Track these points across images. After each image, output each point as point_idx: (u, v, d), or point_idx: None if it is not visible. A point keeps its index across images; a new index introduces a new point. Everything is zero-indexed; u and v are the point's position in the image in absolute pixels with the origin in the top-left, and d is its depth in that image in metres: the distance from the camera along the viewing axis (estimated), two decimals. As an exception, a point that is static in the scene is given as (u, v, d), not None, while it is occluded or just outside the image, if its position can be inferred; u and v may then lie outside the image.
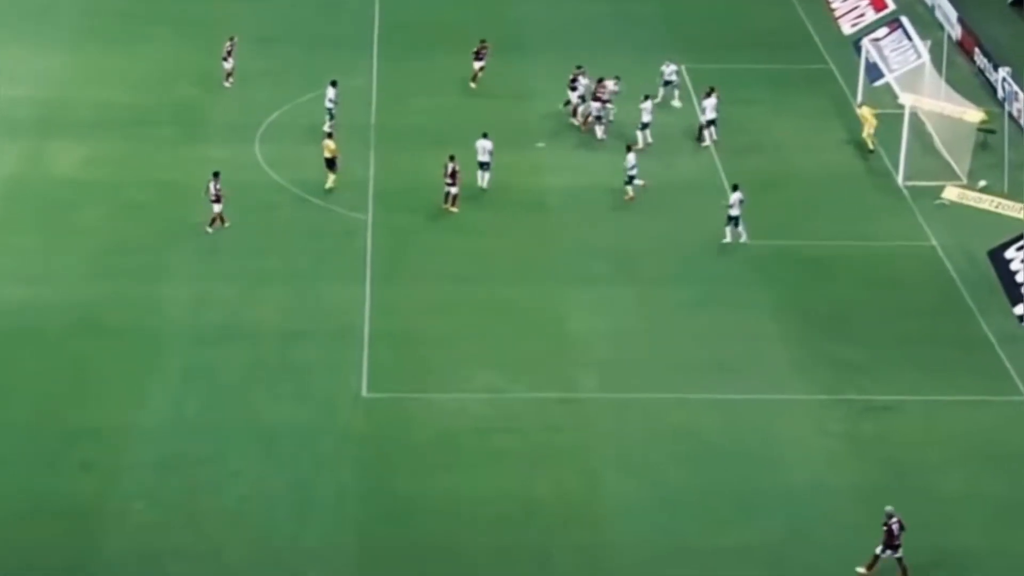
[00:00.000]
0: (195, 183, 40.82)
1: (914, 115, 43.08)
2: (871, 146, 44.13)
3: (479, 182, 40.79)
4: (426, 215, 40.39)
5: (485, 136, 40.96)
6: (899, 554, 28.09)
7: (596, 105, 44.12)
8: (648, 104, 43.38)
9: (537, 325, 35.79)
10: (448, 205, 40.35)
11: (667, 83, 46.07)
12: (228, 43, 46.94)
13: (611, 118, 44.37)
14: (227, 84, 46.80)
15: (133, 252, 38.46)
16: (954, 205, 41.38)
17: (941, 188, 41.98)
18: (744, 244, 38.17)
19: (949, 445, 32.00)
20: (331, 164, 40.77)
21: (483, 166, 40.67)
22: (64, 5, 52.32)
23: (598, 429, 32.13)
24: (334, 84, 44.11)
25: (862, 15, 51.24)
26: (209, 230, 38.97)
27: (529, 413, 32.53)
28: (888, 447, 31.89)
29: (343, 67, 47.22)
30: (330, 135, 41.19)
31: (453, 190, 40.14)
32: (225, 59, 46.81)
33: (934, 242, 39.72)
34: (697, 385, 33.59)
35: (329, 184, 40.81)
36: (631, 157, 40.39)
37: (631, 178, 40.40)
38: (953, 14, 51.44)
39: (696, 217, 39.49)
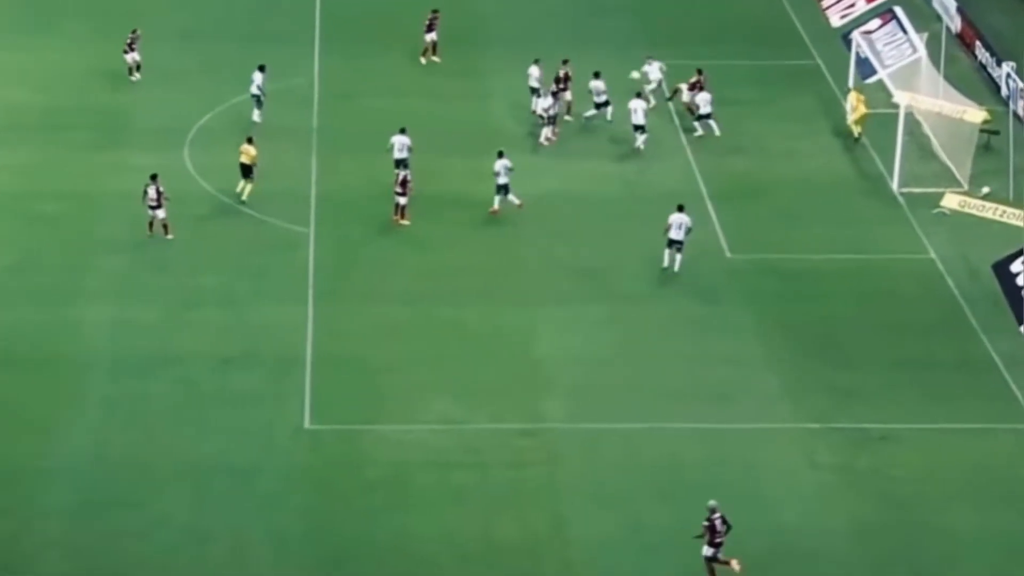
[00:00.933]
0: (116, 193, 40.73)
1: (910, 115, 43.50)
2: (856, 134, 44.57)
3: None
4: (375, 228, 40.45)
5: (403, 132, 41.27)
6: (720, 553, 28.85)
7: (548, 102, 44.24)
8: (639, 103, 43.66)
9: (499, 349, 35.87)
10: (398, 218, 40.45)
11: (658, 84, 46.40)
12: (131, 35, 46.95)
13: (585, 117, 44.64)
14: (133, 79, 46.79)
15: (47, 271, 38.28)
16: (955, 214, 41.81)
17: (940, 195, 42.40)
18: (676, 272, 38.27)
19: (952, 477, 32.27)
20: (248, 171, 40.81)
21: (401, 164, 40.98)
22: (-36, -2, 52.22)
23: (567, 463, 32.20)
24: (262, 69, 44.43)
25: (852, 5, 51.71)
26: (150, 234, 39.12)
27: (491, 446, 32.58)
28: (885, 480, 32.14)
29: (281, 64, 47.24)
30: (250, 140, 41.23)
31: (402, 200, 40.26)
32: (127, 52, 46.78)
33: (933, 255, 40.14)
34: (675, 413, 33.77)
35: (245, 194, 40.78)
36: (501, 163, 40.29)
37: (501, 187, 40.28)
38: (952, 4, 52.03)
39: (672, 228, 39.72)
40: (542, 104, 44.35)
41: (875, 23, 47.75)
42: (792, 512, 31.06)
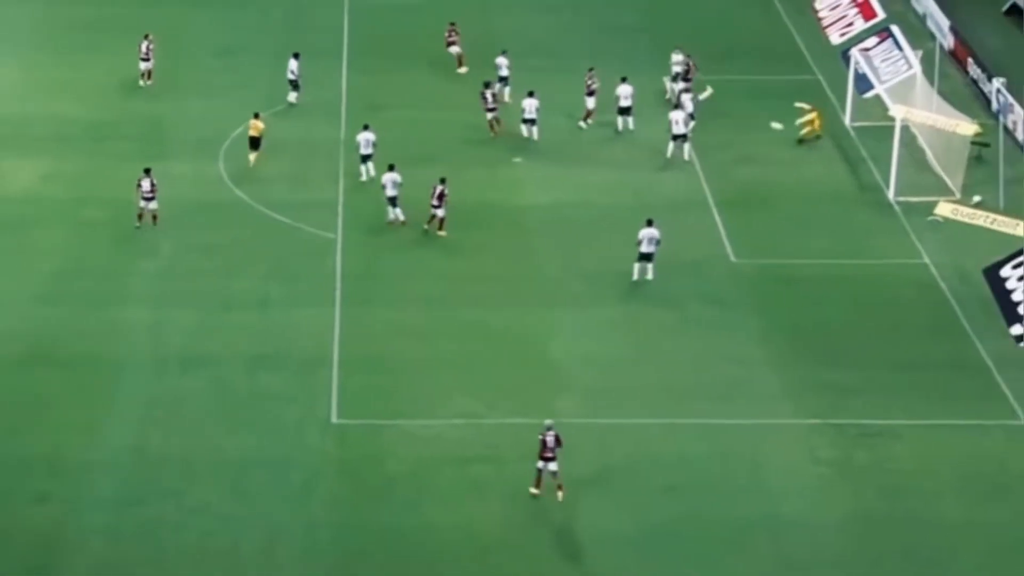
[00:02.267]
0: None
1: (905, 128, 43.40)
2: (800, 138, 44.51)
3: (363, 176, 41.96)
4: (399, 235, 40.45)
5: (367, 128, 41.85)
6: (554, 467, 30.27)
7: (533, 103, 44.00)
8: (679, 114, 43.59)
9: (516, 349, 35.85)
10: (429, 225, 40.15)
11: (677, 76, 46.28)
12: (145, 42, 47.23)
13: (629, 127, 44.94)
14: (142, 84, 47.36)
15: (90, 275, 38.41)
16: (947, 221, 41.53)
17: (934, 204, 42.16)
18: (650, 281, 38.05)
19: (946, 471, 32.17)
20: (257, 143, 42.26)
21: (367, 159, 41.83)
22: (13, 18, 52.32)
23: (579, 457, 32.12)
24: (296, 56, 46.15)
25: (851, 24, 51.53)
26: (138, 224, 39.66)
27: (508, 441, 32.58)
28: (882, 474, 32.04)
29: (311, 79, 47.32)
30: (257, 115, 42.26)
31: (440, 213, 40.04)
32: (144, 59, 47.19)
33: (927, 260, 40.01)
34: (683, 410, 33.71)
35: (251, 162, 42.23)
36: (389, 176, 39.85)
37: (391, 199, 39.85)
38: (945, 23, 51.84)
39: (679, 236, 39.58)
40: (528, 106, 44.00)
41: (873, 41, 47.58)
42: (794, 504, 30.97)
